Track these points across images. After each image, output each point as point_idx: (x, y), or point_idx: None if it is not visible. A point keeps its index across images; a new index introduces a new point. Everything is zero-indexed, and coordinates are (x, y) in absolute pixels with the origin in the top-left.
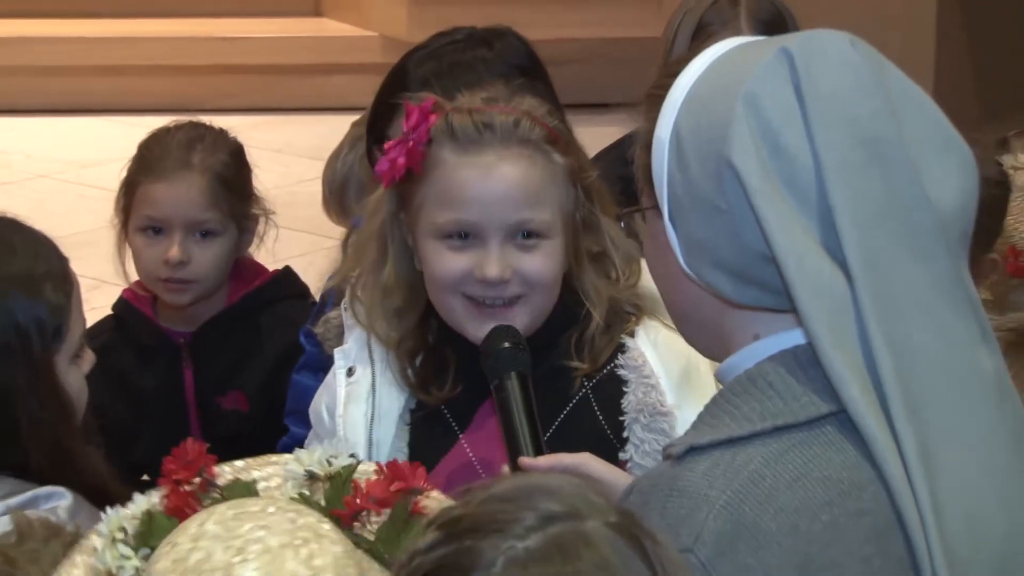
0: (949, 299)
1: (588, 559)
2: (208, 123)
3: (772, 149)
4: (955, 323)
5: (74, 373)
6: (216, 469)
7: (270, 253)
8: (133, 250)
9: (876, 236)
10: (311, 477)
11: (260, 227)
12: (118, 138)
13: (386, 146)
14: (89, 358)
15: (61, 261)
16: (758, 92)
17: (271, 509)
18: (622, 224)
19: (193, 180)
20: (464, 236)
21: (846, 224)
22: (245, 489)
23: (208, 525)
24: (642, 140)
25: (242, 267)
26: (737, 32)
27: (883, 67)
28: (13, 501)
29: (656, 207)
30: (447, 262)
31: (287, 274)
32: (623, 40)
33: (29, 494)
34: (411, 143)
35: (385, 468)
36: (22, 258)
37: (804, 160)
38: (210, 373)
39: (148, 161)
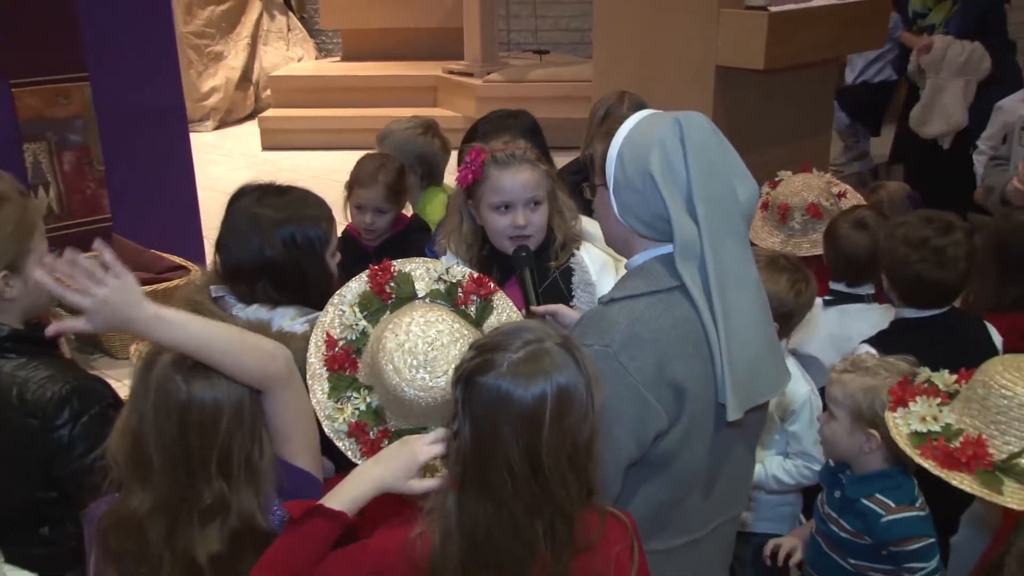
0: (740, 243)
1: (547, 361)
2: (386, 153)
3: (668, 166)
4: (742, 254)
5: (332, 262)
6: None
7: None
8: (352, 217)
9: (711, 210)
10: (439, 279)
11: None
12: (351, 161)
13: (459, 168)
14: (338, 256)
15: (328, 209)
16: (663, 138)
17: (440, 319)
18: (586, 193)
19: (379, 188)
20: (506, 207)
21: (698, 203)
22: (407, 277)
23: (412, 326)
24: (600, 154)
25: (397, 216)
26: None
27: (718, 131)
28: (309, 317)
29: (605, 185)
30: (498, 222)
31: (416, 218)
32: (575, 119)
33: (314, 314)
34: (473, 167)
35: (473, 279)
36: (312, 208)
37: (682, 173)
38: None
39: (358, 176)
